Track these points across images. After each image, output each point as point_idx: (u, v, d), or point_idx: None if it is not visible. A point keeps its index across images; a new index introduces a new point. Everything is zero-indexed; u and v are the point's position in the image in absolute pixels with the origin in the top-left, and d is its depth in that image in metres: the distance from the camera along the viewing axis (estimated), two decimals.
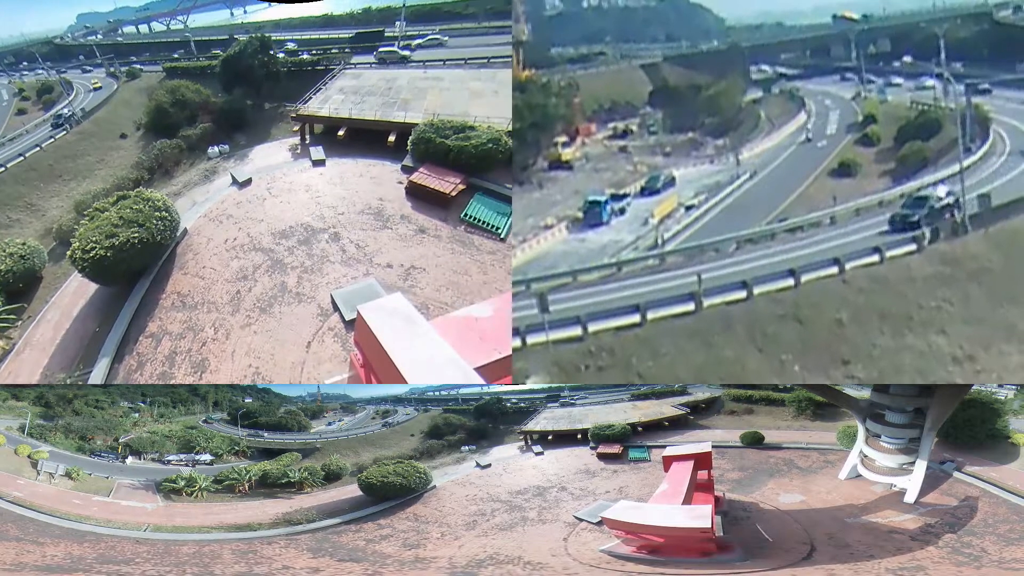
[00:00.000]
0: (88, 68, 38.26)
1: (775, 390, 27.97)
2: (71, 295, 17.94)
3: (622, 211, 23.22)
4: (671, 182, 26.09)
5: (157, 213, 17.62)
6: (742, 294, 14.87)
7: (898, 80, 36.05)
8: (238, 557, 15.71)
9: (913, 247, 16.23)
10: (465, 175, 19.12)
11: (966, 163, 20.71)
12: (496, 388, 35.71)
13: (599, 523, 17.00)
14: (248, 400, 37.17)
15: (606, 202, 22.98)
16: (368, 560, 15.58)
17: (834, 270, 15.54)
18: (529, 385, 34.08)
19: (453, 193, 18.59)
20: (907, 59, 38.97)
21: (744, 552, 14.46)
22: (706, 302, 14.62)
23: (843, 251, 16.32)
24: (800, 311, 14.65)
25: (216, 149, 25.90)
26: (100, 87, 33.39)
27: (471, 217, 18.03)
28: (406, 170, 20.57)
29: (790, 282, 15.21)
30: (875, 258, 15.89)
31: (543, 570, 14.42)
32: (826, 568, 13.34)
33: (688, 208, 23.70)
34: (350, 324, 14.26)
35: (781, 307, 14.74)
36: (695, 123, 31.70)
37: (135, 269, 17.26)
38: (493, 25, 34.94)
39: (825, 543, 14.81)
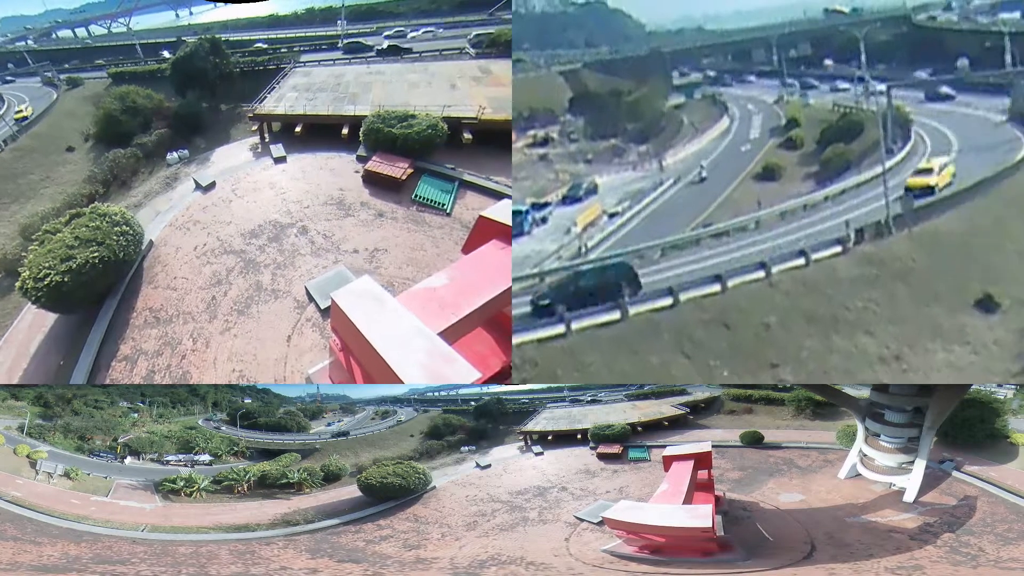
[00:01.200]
0: (10, 78, 35.20)
1: (774, 390, 28.01)
2: (25, 330, 16.48)
3: (544, 220, 23.04)
4: (593, 189, 25.91)
5: (117, 228, 16.38)
6: (668, 301, 14.86)
7: (817, 83, 36.21)
8: (235, 557, 15.68)
9: (839, 249, 16.39)
10: (412, 159, 20.43)
11: (889, 164, 21.02)
12: (496, 388, 35.70)
13: (600, 523, 17.01)
14: (247, 401, 37.12)
15: (527, 212, 22.74)
16: (368, 561, 15.56)
17: (760, 274, 15.58)
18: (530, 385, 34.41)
19: (403, 177, 19.86)
20: (828, 62, 39.17)
21: (745, 551, 14.47)
22: (632, 310, 14.58)
23: (769, 255, 16.40)
24: (727, 316, 14.71)
25: (175, 155, 24.64)
26: (26, 117, 29.06)
27: (420, 197, 19.42)
28: (361, 160, 21.47)
29: (717, 287, 15.21)
30: (801, 261, 15.97)
31: (547, 570, 14.42)
32: (827, 567, 13.35)
33: (611, 216, 23.51)
34: (326, 312, 14.53)
35: (708, 313, 14.80)
36: (617, 129, 31.56)
37: (99, 291, 15.96)
38: (421, 22, 38.69)
39: (825, 542, 14.83)
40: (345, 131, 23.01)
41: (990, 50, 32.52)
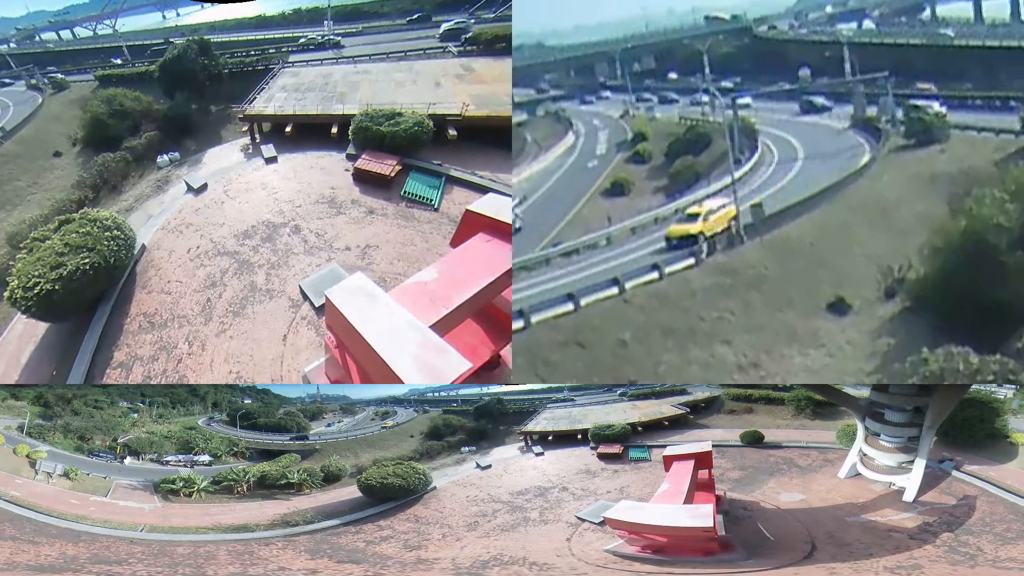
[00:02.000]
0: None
1: (774, 389, 28.05)
2: (16, 341, 16.16)
3: None
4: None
5: (108, 233, 16.13)
6: (519, 324, 14.63)
7: (678, 97, 36.07)
8: (233, 558, 15.65)
9: (691, 261, 16.54)
10: (400, 157, 20.70)
11: (737, 175, 21.33)
12: (496, 389, 35.70)
13: (601, 523, 17.00)
14: (247, 401, 37.08)
15: None
16: (368, 561, 15.54)
17: (614, 291, 15.54)
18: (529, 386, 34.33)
19: (392, 174, 20.10)
20: (672, 75, 39.45)
21: (746, 551, 14.48)
22: None
23: (622, 271, 16.38)
24: (582, 335, 14.73)
25: (166, 157, 24.31)
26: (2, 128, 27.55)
27: (409, 193, 19.66)
28: (350, 158, 21.62)
29: (570, 307, 15.09)
30: (654, 275, 16.02)
31: (550, 571, 14.42)
32: (827, 567, 13.37)
33: None
34: (320, 310, 14.58)
35: (562, 333, 14.77)
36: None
37: (91, 298, 15.63)
38: (405, 22, 39.38)
39: (825, 542, 14.85)
40: (334, 130, 23.16)
41: (830, 60, 33.15)
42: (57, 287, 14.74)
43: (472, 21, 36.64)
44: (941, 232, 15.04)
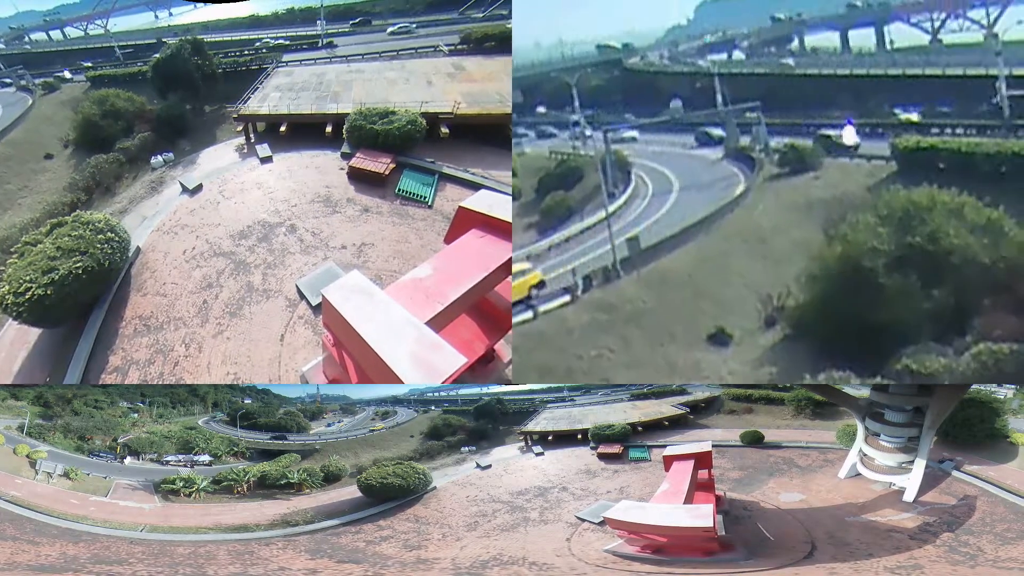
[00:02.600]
0: None
1: (774, 389, 28.05)
2: (7, 347, 15.92)
3: None
4: None
5: (101, 236, 15.84)
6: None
7: (556, 131, 35.15)
8: (234, 558, 15.66)
9: (567, 298, 16.39)
10: (393, 155, 20.85)
11: (611, 208, 21.23)
12: (496, 389, 35.69)
13: (601, 523, 17.01)
14: (248, 401, 37.07)
15: None
16: (368, 561, 15.54)
17: None
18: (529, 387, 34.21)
19: (386, 172, 20.25)
20: (540, 109, 38.74)
21: (746, 551, 14.48)
22: None
23: None
24: None
25: (160, 158, 24.07)
26: None
27: (403, 191, 19.86)
28: (345, 156, 21.77)
29: None
30: (529, 315, 15.84)
31: (550, 571, 14.43)
32: (827, 567, 13.37)
33: None
34: (317, 309, 14.59)
35: None
36: None
37: (84, 302, 15.32)
38: (393, 21, 39.53)
39: (825, 542, 14.85)
40: (329, 129, 23.28)
41: (702, 90, 33.05)
42: (49, 292, 14.47)
43: (414, 26, 37.98)
44: (818, 259, 15.11)
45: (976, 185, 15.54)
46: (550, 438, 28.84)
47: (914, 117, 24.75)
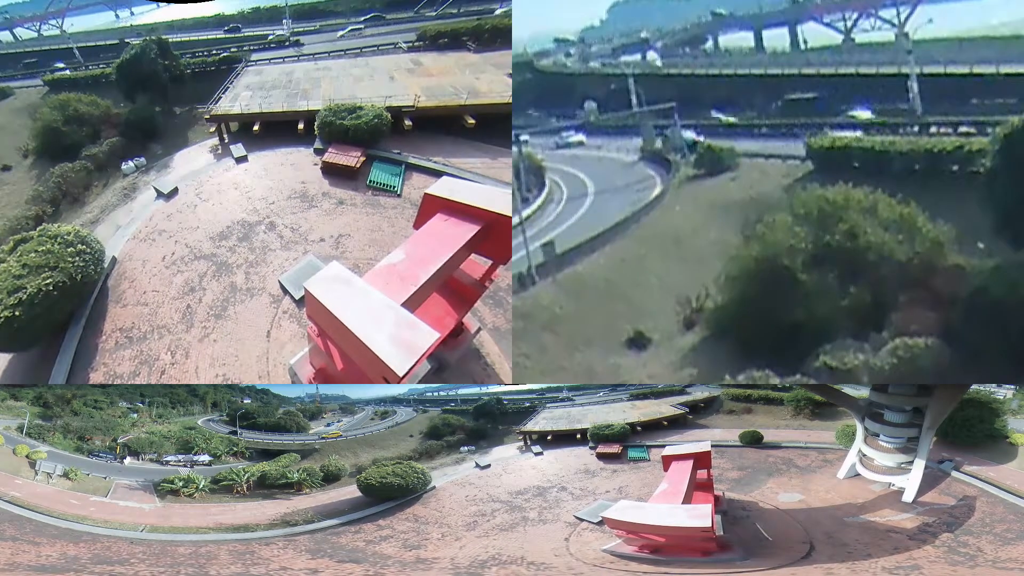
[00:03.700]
0: None
1: (774, 389, 28.06)
2: None
3: None
4: None
5: (71, 249, 15.09)
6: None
7: None
8: (235, 558, 15.68)
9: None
10: (363, 148, 21.39)
11: (525, 213, 21.31)
12: (495, 388, 35.71)
13: (600, 523, 17.03)
14: (247, 401, 37.09)
15: None
16: (368, 561, 15.56)
17: None
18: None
19: (357, 165, 20.76)
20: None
21: (744, 551, 14.49)
22: None
23: None
24: None
25: (131, 163, 23.20)
26: None
27: (374, 182, 20.39)
28: (318, 152, 22.13)
29: None
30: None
31: (548, 570, 14.45)
32: (825, 567, 13.38)
33: None
34: (301, 302, 14.71)
35: None
36: None
37: (58, 320, 14.60)
38: (360, 20, 39.73)
39: (824, 542, 14.86)
40: (301, 126, 23.61)
41: (616, 92, 32.81)
42: (17, 313, 13.67)
43: (363, 26, 38.80)
44: (736, 259, 15.18)
45: (889, 183, 15.74)
46: (549, 438, 28.86)
47: (866, 114, 24.75)
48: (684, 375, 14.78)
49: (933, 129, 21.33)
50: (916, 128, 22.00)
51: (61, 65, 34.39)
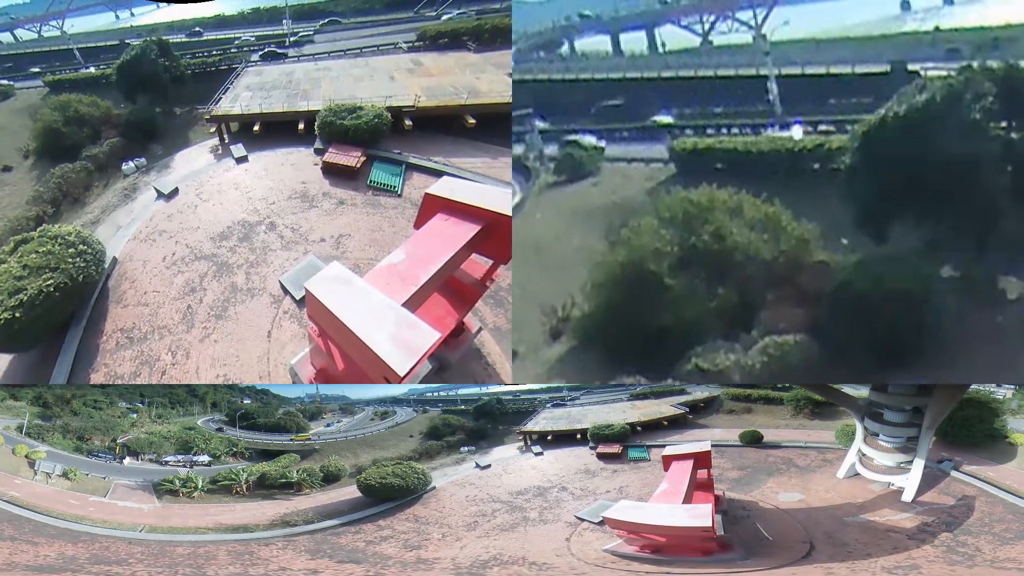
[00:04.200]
0: None
1: (773, 389, 28.10)
2: None
3: None
4: None
5: (72, 249, 15.14)
6: None
7: None
8: (234, 558, 15.66)
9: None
10: (363, 148, 21.47)
11: None
12: (495, 388, 35.72)
13: (600, 523, 17.04)
14: (247, 401, 37.06)
15: None
16: (369, 561, 15.56)
17: None
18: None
19: (357, 165, 20.84)
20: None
21: (745, 551, 14.51)
22: None
23: None
24: None
25: (131, 164, 23.20)
26: None
27: (374, 182, 20.46)
28: (318, 152, 22.17)
29: None
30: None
31: (549, 570, 14.46)
32: (824, 567, 13.40)
33: None
34: (301, 302, 14.71)
35: None
36: None
37: (59, 321, 14.64)
38: (359, 20, 39.86)
39: (824, 542, 14.89)
40: (301, 126, 23.63)
41: None
42: (18, 314, 13.70)
43: (312, 33, 38.56)
44: (601, 265, 14.99)
45: (753, 183, 15.85)
46: (549, 438, 28.86)
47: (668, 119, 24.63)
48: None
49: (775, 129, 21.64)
50: (777, 128, 22.08)
51: (50, 69, 34.23)
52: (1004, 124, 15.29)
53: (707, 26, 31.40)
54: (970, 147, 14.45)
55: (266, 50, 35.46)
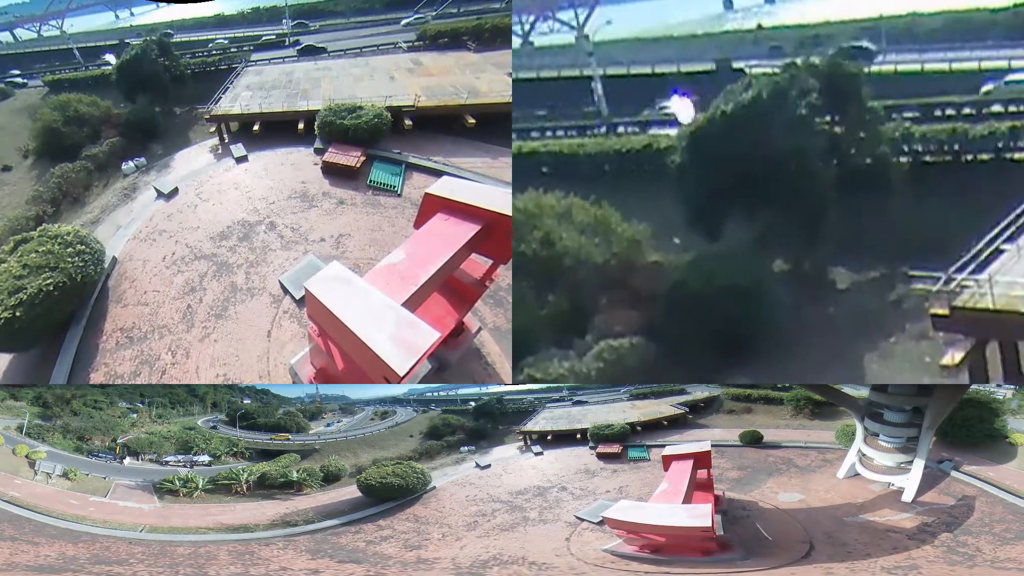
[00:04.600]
0: None
1: (773, 389, 28.11)
2: None
3: None
4: None
5: (71, 249, 15.10)
6: None
7: None
8: (234, 558, 15.68)
9: None
10: (363, 148, 21.48)
11: None
12: (495, 388, 35.74)
13: (600, 523, 17.04)
14: (247, 401, 37.09)
15: None
16: (369, 561, 15.57)
17: None
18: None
19: (357, 165, 20.84)
20: None
21: (744, 551, 14.52)
22: None
23: None
24: None
25: (131, 164, 23.16)
26: None
27: (374, 182, 20.46)
28: (318, 152, 22.17)
29: None
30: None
31: (549, 570, 14.46)
32: (824, 567, 13.41)
33: None
34: (301, 302, 14.69)
35: None
36: None
37: (58, 321, 14.61)
38: (361, 20, 40.02)
39: (823, 542, 14.89)
40: (301, 126, 23.64)
41: None
42: (18, 314, 13.69)
43: (274, 38, 38.32)
44: None
45: (581, 186, 15.86)
46: (549, 438, 28.88)
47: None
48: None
49: (620, 129, 21.50)
50: (604, 129, 21.95)
51: (49, 69, 34.09)
52: (828, 119, 15.56)
53: (527, 27, 31.20)
54: (797, 142, 14.61)
55: (264, 39, 35.39)
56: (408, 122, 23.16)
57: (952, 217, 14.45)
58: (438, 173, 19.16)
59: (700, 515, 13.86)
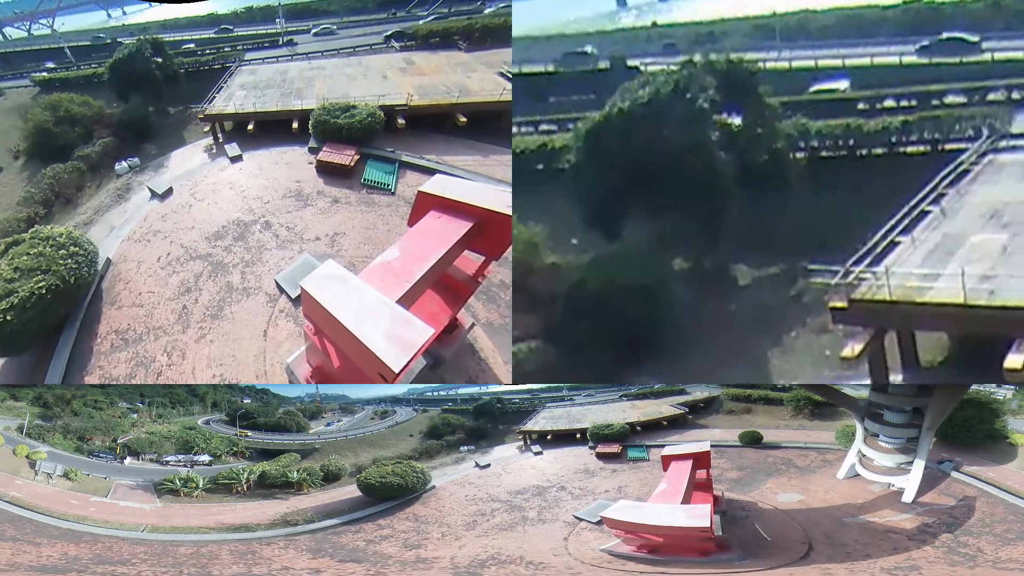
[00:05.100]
0: None
1: (773, 389, 28.08)
2: None
3: None
4: None
5: (64, 251, 14.86)
6: None
7: None
8: (236, 558, 15.72)
9: None
10: (357, 147, 21.57)
11: None
12: (495, 388, 35.76)
13: (599, 523, 17.05)
14: (247, 401, 37.16)
15: None
16: (369, 561, 15.60)
17: None
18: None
19: (351, 164, 20.94)
20: None
21: (743, 551, 14.52)
22: None
23: None
24: None
25: (125, 164, 22.89)
26: None
27: (368, 180, 20.57)
28: (312, 151, 22.24)
29: None
30: None
31: (546, 570, 14.47)
32: (823, 567, 13.40)
33: None
34: (297, 301, 14.68)
35: None
36: None
37: (51, 324, 14.40)
38: (354, 20, 40.24)
39: (823, 542, 14.88)
40: (295, 125, 23.66)
41: None
42: (9, 317, 13.47)
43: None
44: None
45: None
46: (549, 437, 28.89)
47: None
48: None
49: (514, 130, 21.47)
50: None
51: (52, 65, 33.96)
52: (726, 115, 15.52)
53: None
54: (695, 139, 14.52)
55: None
56: (401, 121, 23.22)
57: (848, 211, 14.41)
58: (431, 171, 19.16)
59: (699, 515, 13.86)
